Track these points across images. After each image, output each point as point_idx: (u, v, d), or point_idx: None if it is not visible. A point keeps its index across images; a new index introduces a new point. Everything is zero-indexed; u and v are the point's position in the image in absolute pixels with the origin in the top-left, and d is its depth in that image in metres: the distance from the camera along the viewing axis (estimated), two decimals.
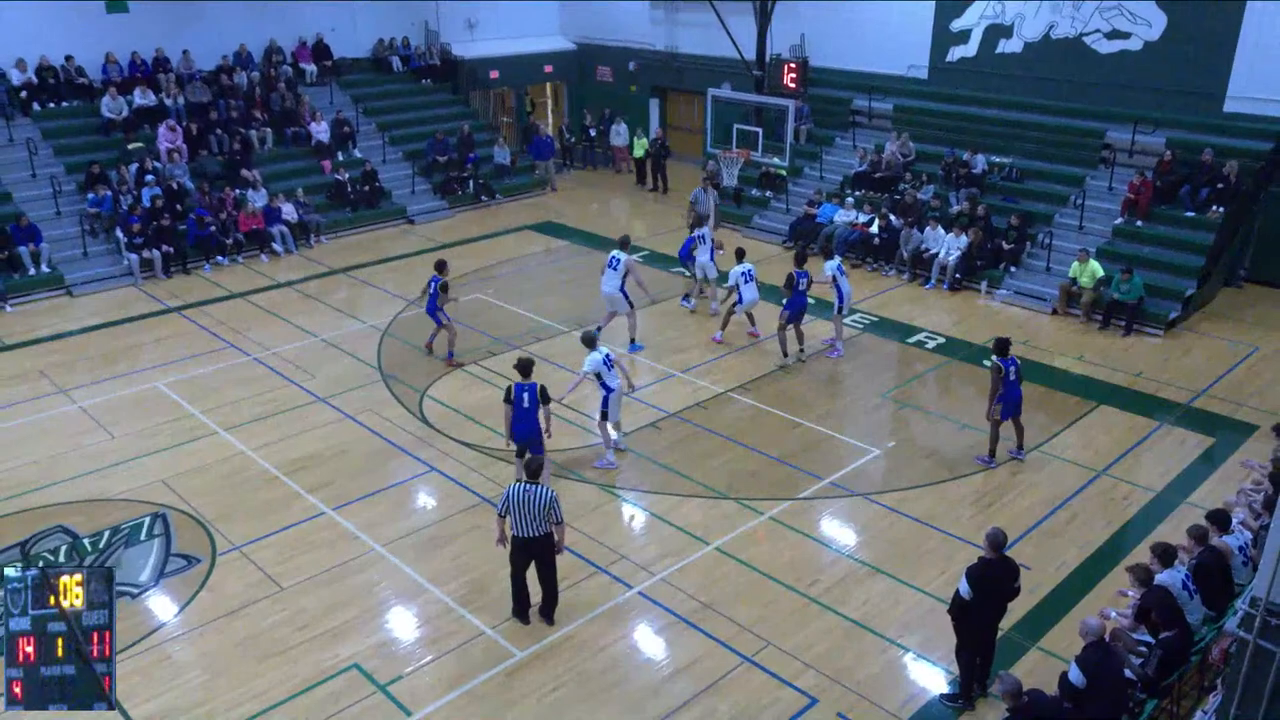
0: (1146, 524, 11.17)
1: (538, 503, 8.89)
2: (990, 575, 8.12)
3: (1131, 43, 19.52)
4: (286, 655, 9.09)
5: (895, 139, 21.69)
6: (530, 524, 8.94)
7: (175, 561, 10.47)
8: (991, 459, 12.28)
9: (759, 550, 10.67)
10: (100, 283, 18.67)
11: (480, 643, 9.26)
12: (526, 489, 8.91)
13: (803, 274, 14.94)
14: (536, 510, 8.90)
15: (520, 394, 11.00)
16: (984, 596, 8.10)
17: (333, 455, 12.58)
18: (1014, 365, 11.93)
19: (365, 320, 17.06)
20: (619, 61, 28.78)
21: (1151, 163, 18.62)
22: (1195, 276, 17.07)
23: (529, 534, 8.99)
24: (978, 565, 8.16)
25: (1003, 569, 8.21)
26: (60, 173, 20.20)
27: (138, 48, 22.34)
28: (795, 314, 14.92)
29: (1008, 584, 8.26)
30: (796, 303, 14.84)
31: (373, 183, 22.68)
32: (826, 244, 18.15)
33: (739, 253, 15.98)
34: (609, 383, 12.00)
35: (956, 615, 8.30)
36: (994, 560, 8.15)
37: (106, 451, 12.68)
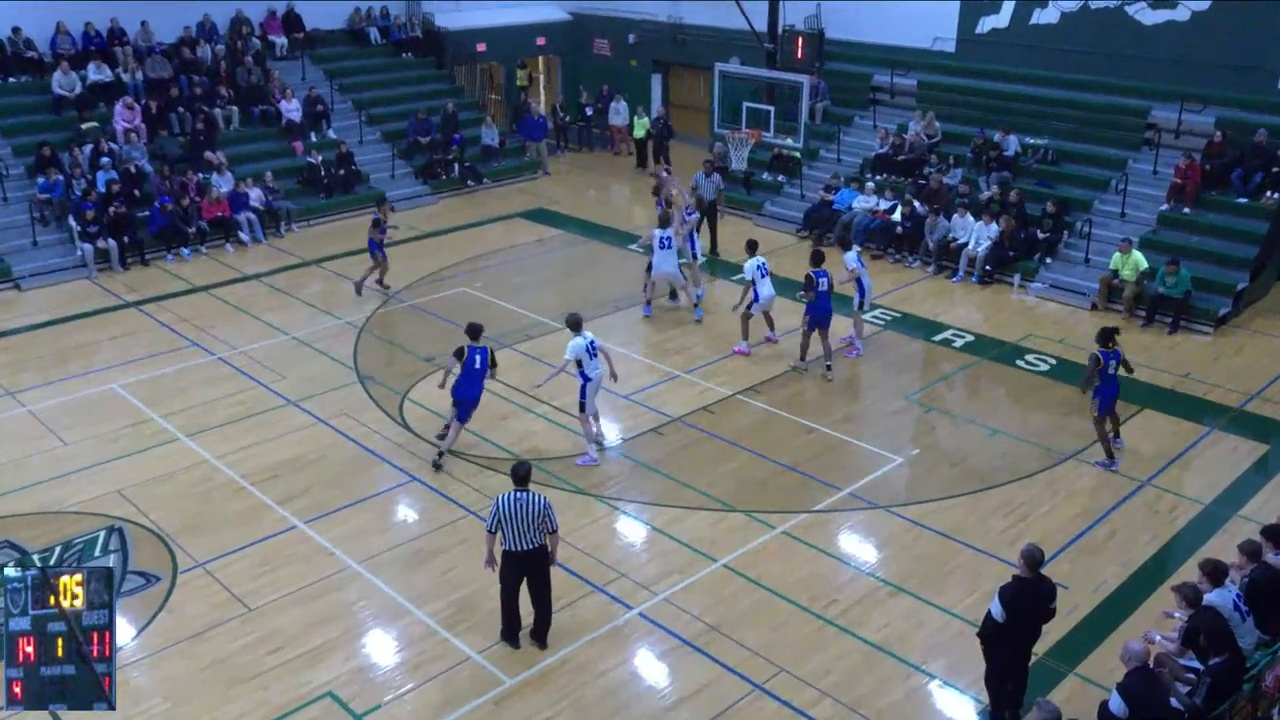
0: (1194, 539, 11.18)
1: (531, 511, 8.88)
2: (1025, 595, 8.13)
3: (1178, 13, 19.53)
4: (256, 681, 9.10)
5: (920, 118, 21.69)
6: (524, 536, 8.92)
7: (133, 579, 10.48)
8: (1113, 461, 12.43)
9: (770, 567, 10.68)
10: (51, 275, 18.69)
11: (466, 669, 9.28)
12: (517, 498, 8.89)
13: (822, 273, 14.51)
14: (530, 520, 8.88)
15: (473, 356, 12.07)
16: (1017, 619, 8.11)
17: (306, 463, 12.60)
18: (1115, 358, 12.02)
19: (340, 317, 17.09)
20: (618, 33, 28.81)
21: (1200, 144, 18.63)
22: (1248, 269, 17.09)
23: (523, 547, 8.95)
24: (1012, 585, 8.18)
25: (1039, 589, 8.23)
26: (7, 155, 20.24)
27: (91, 18, 22.34)
28: (819, 319, 14.52)
29: (1044, 605, 8.27)
30: (821, 308, 14.45)
31: (348, 166, 22.70)
32: (844, 233, 17.96)
33: (751, 244, 15.49)
34: (588, 371, 12.16)
35: (988, 639, 8.31)
36: (1029, 579, 8.17)
37: (58, 459, 12.69)
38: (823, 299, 14.44)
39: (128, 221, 19.29)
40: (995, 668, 8.41)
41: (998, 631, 8.18)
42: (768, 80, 22.37)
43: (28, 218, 19.17)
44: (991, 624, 8.18)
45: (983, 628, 8.34)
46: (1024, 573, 8.18)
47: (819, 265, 14.70)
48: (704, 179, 19.36)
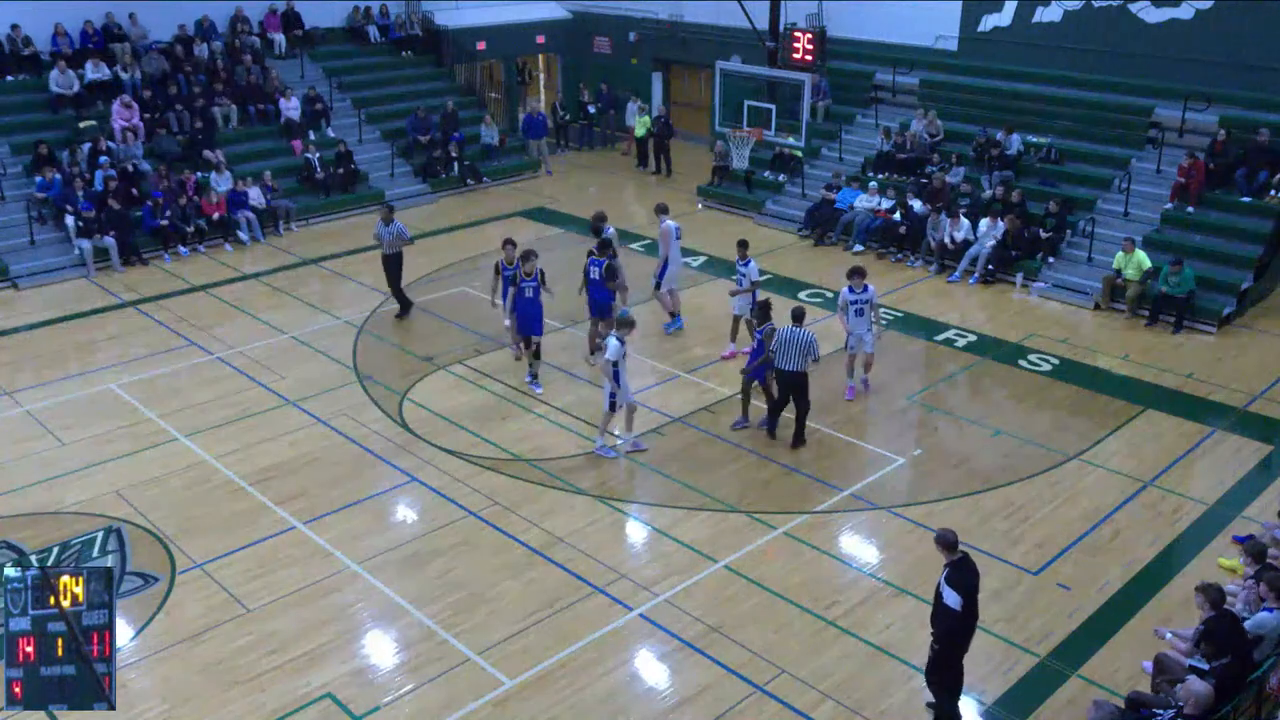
0: (1198, 540, 11.16)
1: (800, 342, 12.23)
2: (967, 576, 8.10)
3: (1182, 10, 19.51)
4: (254, 683, 9.10)
5: (922, 117, 21.70)
6: (793, 360, 12.32)
7: (131, 580, 10.48)
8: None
9: (771, 569, 10.67)
10: (49, 274, 18.70)
11: (466, 670, 9.27)
12: (794, 331, 12.33)
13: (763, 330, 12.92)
14: (799, 349, 12.25)
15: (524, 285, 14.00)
16: (971, 601, 8.11)
17: (304, 464, 12.60)
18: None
19: (339, 316, 17.09)
20: (619, 31, 28.80)
21: (1204, 143, 18.63)
22: (1252, 268, 17.07)
23: (791, 368, 12.38)
24: (952, 571, 8.09)
25: (971, 566, 8.18)
26: (5, 153, 20.25)
27: (89, 16, 22.36)
28: (759, 372, 13.11)
29: (978, 581, 8.23)
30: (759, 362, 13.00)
31: (348, 164, 22.70)
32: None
33: (741, 244, 15.30)
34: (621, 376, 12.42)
35: (952, 633, 8.15)
36: (959, 560, 8.12)
37: (56, 459, 12.69)
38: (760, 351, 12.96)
39: (125, 220, 19.29)
40: (955, 664, 8.31)
41: (963, 622, 8.10)
42: (769, 78, 22.36)
43: (25, 217, 19.18)
44: (954, 617, 8.07)
45: (940, 628, 8.19)
46: (950, 557, 8.12)
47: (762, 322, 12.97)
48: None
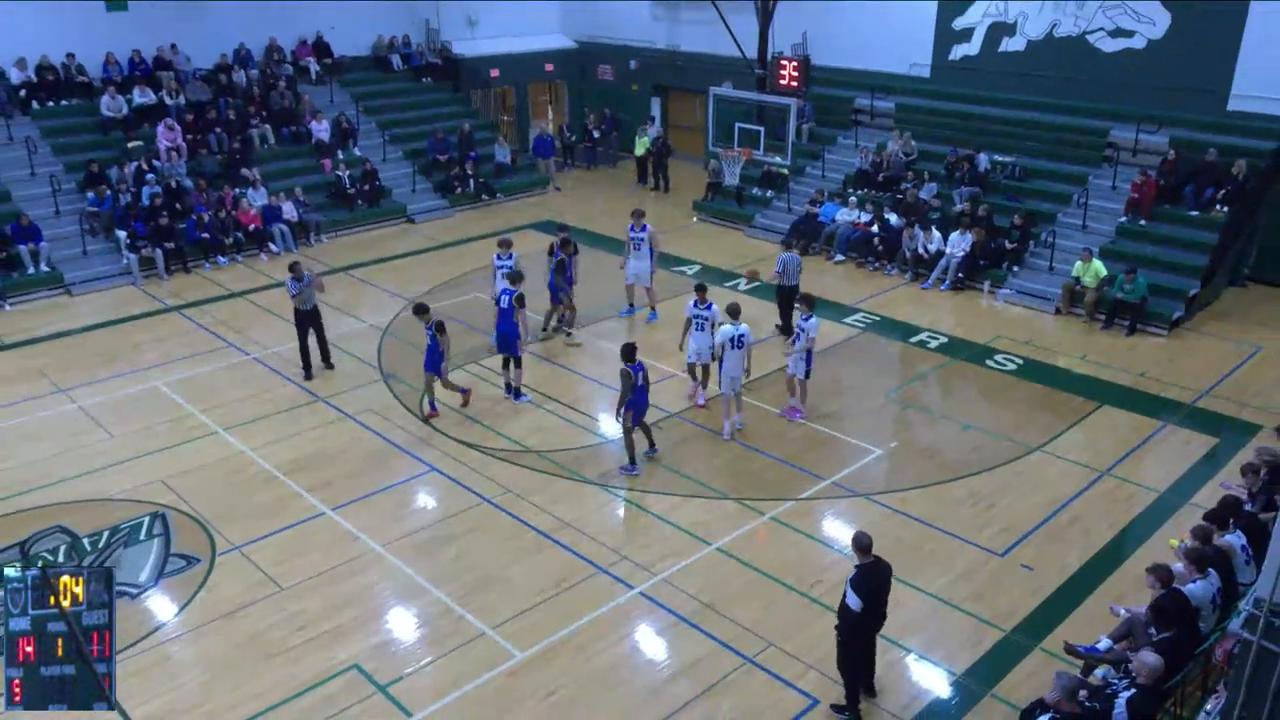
0: (1150, 525, 11.17)
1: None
2: (873, 579, 8.00)
3: (1135, 41, 19.50)
4: (286, 656, 9.10)
5: (898, 138, 21.68)
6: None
7: (174, 562, 10.48)
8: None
9: (760, 551, 10.67)
10: (99, 281, 18.70)
11: (480, 644, 9.27)
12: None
13: (638, 367, 11.74)
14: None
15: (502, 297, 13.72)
16: (874, 604, 8.03)
17: (332, 455, 12.59)
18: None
19: (365, 320, 17.07)
20: (620, 60, 28.78)
21: (1155, 161, 18.62)
22: (1199, 276, 17.06)
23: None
24: (858, 574, 7.99)
25: (880, 570, 8.09)
26: (60, 171, 20.22)
27: (139, 45, 22.37)
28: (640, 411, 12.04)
29: (887, 584, 8.13)
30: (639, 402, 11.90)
31: (373, 181, 22.70)
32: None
33: (699, 288, 13.80)
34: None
35: (851, 630, 8.09)
36: (869, 564, 8.03)
37: (106, 451, 12.70)
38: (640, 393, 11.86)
39: (170, 232, 19.29)
40: (854, 656, 8.24)
41: (860, 621, 8.02)
42: (758, 103, 22.34)
43: (78, 229, 19.17)
44: (853, 616, 7.99)
45: (842, 624, 8.13)
46: (861, 559, 8.02)
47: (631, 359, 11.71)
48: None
